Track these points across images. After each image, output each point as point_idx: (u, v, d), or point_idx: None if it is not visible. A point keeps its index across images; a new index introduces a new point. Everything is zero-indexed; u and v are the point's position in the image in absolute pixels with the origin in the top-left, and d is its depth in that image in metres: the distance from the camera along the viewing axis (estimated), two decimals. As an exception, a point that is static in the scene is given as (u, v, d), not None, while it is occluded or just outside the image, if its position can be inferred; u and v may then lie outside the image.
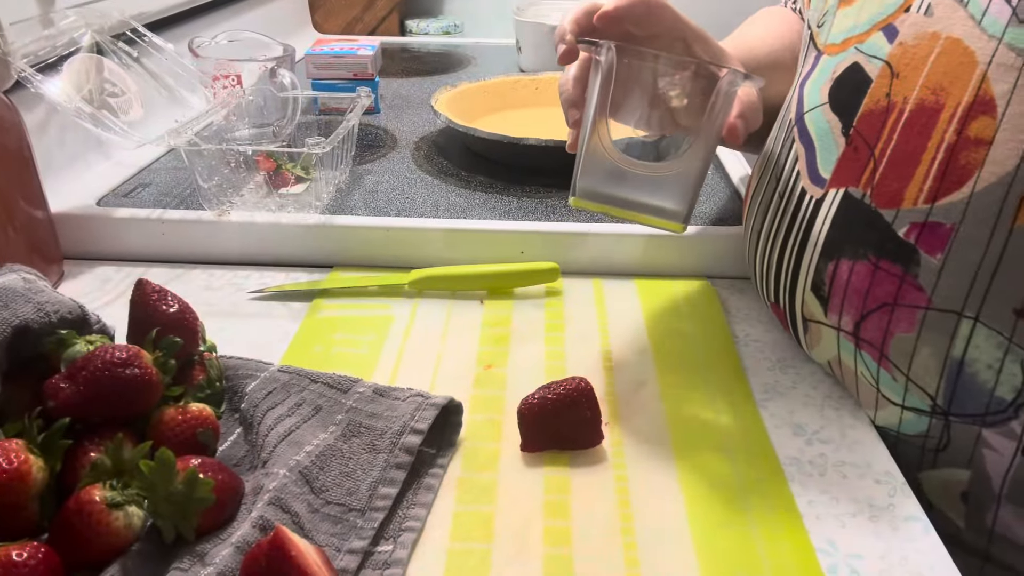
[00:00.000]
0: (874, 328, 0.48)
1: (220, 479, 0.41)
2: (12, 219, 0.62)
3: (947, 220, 0.43)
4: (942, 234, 0.44)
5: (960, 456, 0.48)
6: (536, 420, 0.48)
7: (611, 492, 0.46)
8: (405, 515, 0.44)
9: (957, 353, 0.45)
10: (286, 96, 0.84)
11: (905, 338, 0.46)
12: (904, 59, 0.45)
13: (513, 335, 0.61)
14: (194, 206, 0.73)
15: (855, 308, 0.48)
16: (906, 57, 0.45)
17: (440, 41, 1.61)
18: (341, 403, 0.49)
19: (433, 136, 0.95)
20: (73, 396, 0.42)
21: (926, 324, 0.45)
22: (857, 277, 0.48)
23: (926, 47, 0.44)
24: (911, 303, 0.46)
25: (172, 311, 0.49)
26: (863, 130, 0.47)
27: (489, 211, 0.73)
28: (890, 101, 0.45)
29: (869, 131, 0.46)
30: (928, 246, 0.44)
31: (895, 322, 0.47)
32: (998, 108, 0.41)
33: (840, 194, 0.48)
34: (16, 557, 0.36)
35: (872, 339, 0.48)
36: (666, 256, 0.70)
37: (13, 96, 0.64)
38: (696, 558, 0.42)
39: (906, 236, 0.45)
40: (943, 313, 0.45)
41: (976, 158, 0.42)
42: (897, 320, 0.46)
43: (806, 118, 0.52)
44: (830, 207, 0.49)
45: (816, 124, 0.51)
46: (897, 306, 0.46)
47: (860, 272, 0.47)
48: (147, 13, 0.92)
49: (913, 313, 0.46)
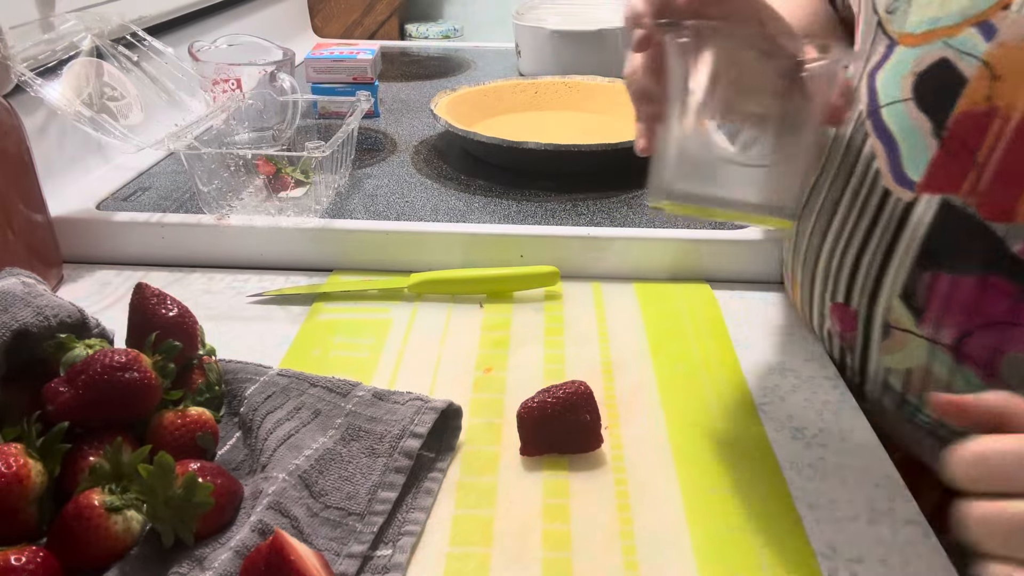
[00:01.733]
0: (981, 345, 0.45)
1: (219, 483, 0.41)
2: (12, 223, 0.62)
3: None
4: None
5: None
6: (536, 424, 0.48)
7: (610, 496, 0.46)
8: (404, 519, 0.44)
9: None
10: (286, 100, 0.84)
11: (1021, 358, 0.44)
12: (1006, 60, 0.42)
13: (513, 339, 0.61)
14: (194, 210, 0.73)
15: (957, 323, 0.46)
16: (1008, 58, 0.42)
17: (440, 45, 1.61)
18: (340, 407, 0.49)
19: (433, 140, 0.95)
20: (72, 400, 0.42)
21: None
22: (961, 291, 0.45)
23: None
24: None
25: (171, 315, 0.49)
26: (960, 133, 0.44)
27: (489, 215, 0.73)
28: (991, 104, 0.42)
29: (970, 135, 0.44)
30: None
31: (1009, 341, 0.44)
32: None
33: (936, 200, 0.46)
34: (15, 561, 0.36)
35: (978, 356, 0.46)
36: (666, 260, 0.70)
37: (13, 100, 0.65)
38: (695, 562, 0.42)
39: (1022, 254, 0.43)
40: None
41: None
42: (1010, 339, 0.44)
43: (883, 112, 0.49)
44: (925, 213, 0.47)
45: (898, 121, 0.47)
46: (1012, 325, 0.44)
47: (965, 287, 0.45)
48: (147, 17, 0.92)
49: None
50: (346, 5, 2.10)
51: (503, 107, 1.00)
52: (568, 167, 0.82)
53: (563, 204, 0.75)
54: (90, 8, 0.81)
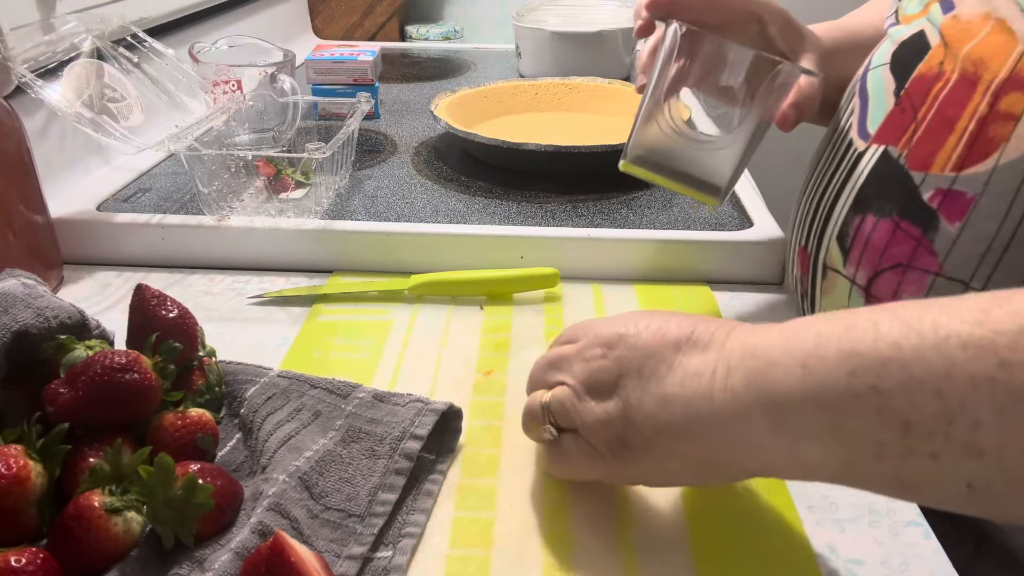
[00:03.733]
0: (885, 286, 0.49)
1: (219, 484, 0.41)
2: (12, 224, 0.62)
3: (969, 190, 0.44)
4: (963, 203, 0.45)
5: None
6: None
7: (610, 498, 0.46)
8: (405, 521, 0.44)
9: None
10: (286, 101, 0.84)
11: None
12: (954, 30, 0.47)
13: (513, 341, 0.61)
14: (194, 211, 0.73)
15: (871, 263, 0.49)
16: (955, 28, 0.46)
17: (440, 46, 1.61)
18: (341, 408, 0.49)
19: (433, 141, 0.95)
20: (72, 401, 0.42)
21: (933, 290, 0.46)
22: (878, 233, 0.49)
23: (978, 25, 0.46)
24: (923, 267, 0.47)
25: (172, 316, 0.49)
26: (912, 93, 0.48)
27: (489, 216, 0.73)
28: (941, 69, 0.47)
29: (917, 95, 0.48)
30: (948, 213, 0.45)
31: (905, 283, 0.48)
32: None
33: (880, 151, 0.50)
34: (15, 563, 0.36)
35: (882, 296, 0.49)
36: (666, 261, 0.70)
37: (13, 101, 0.65)
38: (695, 564, 0.42)
39: (930, 201, 0.46)
40: (951, 281, 0.46)
41: (1003, 132, 0.43)
42: (908, 282, 0.48)
43: (868, 75, 0.53)
44: (868, 162, 0.51)
45: (874, 82, 0.52)
46: (910, 268, 0.47)
47: (882, 229, 0.49)
48: (148, 19, 0.92)
49: (923, 277, 0.47)
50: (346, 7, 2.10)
51: (503, 108, 1.00)
52: (568, 168, 0.82)
53: (563, 205, 0.75)
54: (91, 9, 0.82)
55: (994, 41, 0.44)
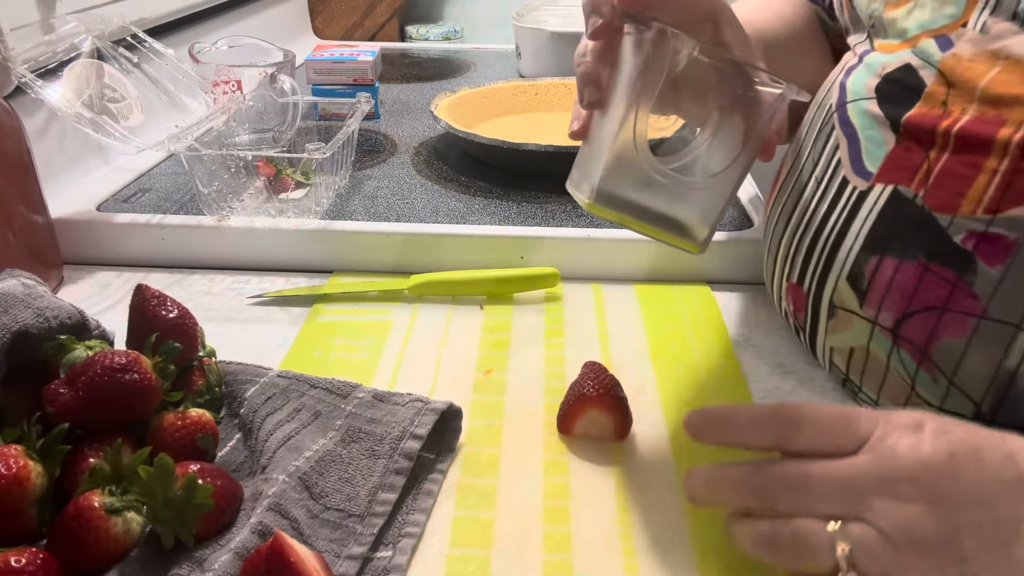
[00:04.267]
0: (918, 329, 0.47)
1: (219, 485, 0.41)
2: (12, 224, 0.62)
3: (1011, 233, 0.43)
4: (1004, 246, 0.43)
5: None
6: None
7: (611, 498, 0.46)
8: (404, 521, 0.44)
9: (1012, 364, 0.45)
10: (286, 101, 0.84)
11: (953, 344, 0.46)
12: (959, 70, 0.45)
13: (513, 340, 0.61)
14: (194, 211, 0.73)
15: (898, 306, 0.48)
16: (960, 68, 0.45)
17: (440, 47, 1.61)
18: (340, 408, 0.49)
19: (433, 141, 0.95)
20: (72, 401, 0.42)
21: (979, 332, 0.45)
22: (904, 275, 0.48)
23: (985, 63, 0.44)
24: (963, 310, 0.45)
25: (171, 316, 0.49)
26: (915, 131, 0.47)
27: (489, 216, 0.73)
28: (946, 109, 0.45)
29: (923, 133, 0.47)
30: (987, 256, 0.44)
31: (943, 326, 0.46)
32: None
33: (887, 190, 0.49)
34: (15, 563, 0.36)
35: (914, 339, 0.48)
36: (666, 261, 0.70)
37: (13, 101, 0.65)
38: (696, 564, 0.42)
39: (963, 243, 0.45)
40: (999, 324, 0.44)
41: None
42: (946, 324, 0.46)
43: (848, 108, 0.52)
44: (876, 202, 0.49)
45: (861, 117, 0.51)
46: (947, 311, 0.46)
47: (908, 271, 0.47)
48: (148, 19, 0.92)
49: (965, 320, 0.45)
50: (347, 7, 2.10)
51: (503, 109, 1.00)
52: (568, 168, 0.82)
53: (563, 205, 0.75)
54: (91, 10, 0.82)
55: (1011, 80, 0.43)
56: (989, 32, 0.45)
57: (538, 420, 0.52)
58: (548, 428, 0.51)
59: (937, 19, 0.48)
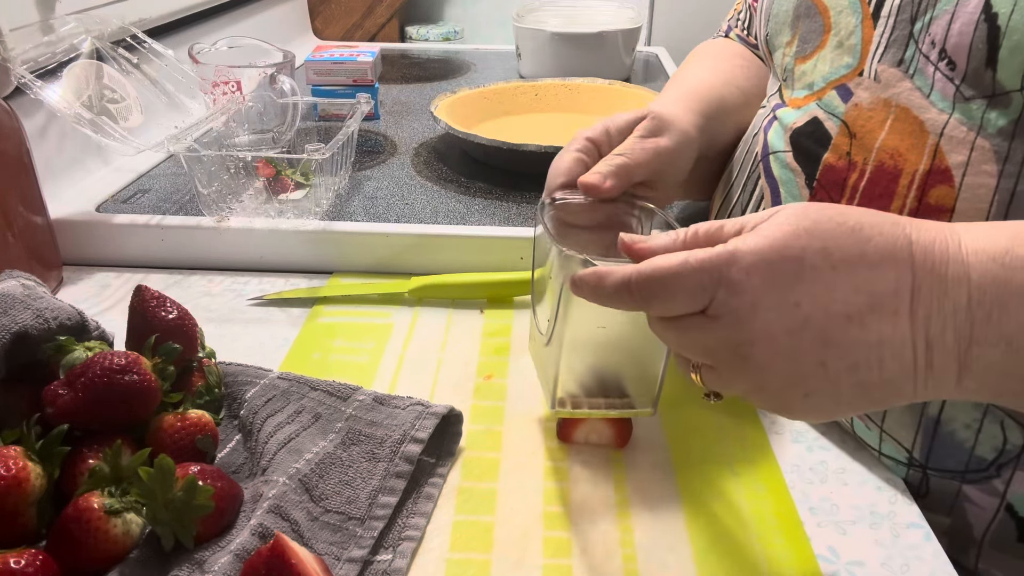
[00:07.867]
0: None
1: (219, 486, 0.41)
2: (11, 225, 0.62)
3: None
4: None
5: (940, 505, 0.47)
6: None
7: (611, 502, 0.46)
8: (405, 524, 0.44)
9: (933, 412, 0.45)
10: (286, 102, 0.84)
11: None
12: (860, 121, 0.47)
13: (513, 345, 0.61)
14: (193, 212, 0.73)
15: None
16: (861, 119, 0.47)
17: (440, 47, 1.61)
18: (341, 411, 0.49)
19: (433, 142, 0.95)
20: (72, 402, 0.42)
21: None
22: None
23: (881, 112, 0.46)
24: None
25: (171, 317, 0.49)
26: (826, 183, 0.48)
27: (489, 217, 0.73)
28: (851, 160, 0.47)
29: (832, 185, 0.48)
30: None
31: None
32: (955, 178, 0.42)
33: None
34: (14, 564, 0.35)
35: None
36: (666, 263, 0.69)
37: (13, 102, 0.64)
38: (696, 567, 0.42)
39: None
40: None
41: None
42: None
43: (771, 159, 0.53)
44: None
45: (780, 168, 0.52)
46: None
47: None
48: (147, 19, 0.92)
49: None
50: (346, 7, 2.10)
51: (503, 109, 1.00)
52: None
53: (563, 207, 0.75)
54: (90, 10, 0.81)
55: (903, 130, 0.44)
56: (880, 80, 0.46)
57: (538, 425, 0.52)
58: (548, 434, 0.51)
59: (838, 69, 0.49)
